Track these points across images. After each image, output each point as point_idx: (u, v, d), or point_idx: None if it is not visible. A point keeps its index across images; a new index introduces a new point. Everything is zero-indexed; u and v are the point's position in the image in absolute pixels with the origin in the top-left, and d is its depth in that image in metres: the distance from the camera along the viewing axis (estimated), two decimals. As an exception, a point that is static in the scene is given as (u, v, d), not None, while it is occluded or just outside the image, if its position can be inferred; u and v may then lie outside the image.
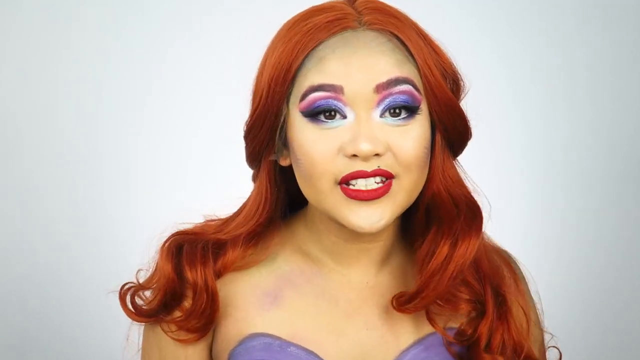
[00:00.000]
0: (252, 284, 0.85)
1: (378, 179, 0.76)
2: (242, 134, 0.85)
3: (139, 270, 0.88)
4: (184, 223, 0.89)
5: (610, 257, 1.62)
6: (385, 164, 0.76)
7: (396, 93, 0.76)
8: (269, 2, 1.45)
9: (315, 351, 0.81)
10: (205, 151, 1.56)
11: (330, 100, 0.76)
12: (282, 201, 0.86)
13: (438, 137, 0.81)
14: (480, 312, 0.85)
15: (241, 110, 0.85)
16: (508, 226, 1.49)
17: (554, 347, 0.93)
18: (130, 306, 0.86)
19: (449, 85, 0.80)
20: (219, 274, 0.85)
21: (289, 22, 0.81)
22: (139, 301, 0.86)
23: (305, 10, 0.81)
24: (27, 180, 1.59)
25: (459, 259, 0.80)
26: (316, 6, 0.81)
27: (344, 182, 0.76)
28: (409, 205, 0.80)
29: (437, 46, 0.81)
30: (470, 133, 0.84)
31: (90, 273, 1.56)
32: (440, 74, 0.79)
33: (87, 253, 1.57)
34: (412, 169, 0.77)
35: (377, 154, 0.75)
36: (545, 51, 1.61)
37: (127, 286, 0.87)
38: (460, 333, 0.84)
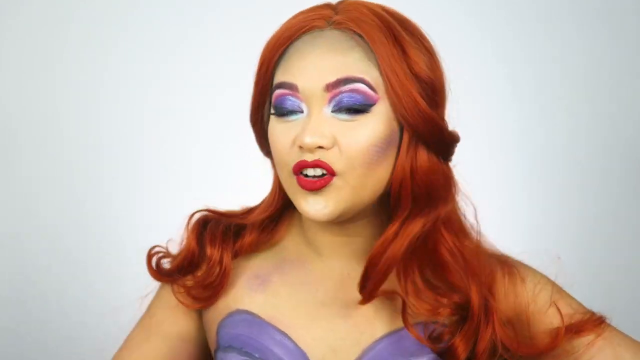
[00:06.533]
0: (249, 265, 0.92)
1: (319, 171, 0.80)
2: (245, 132, 0.91)
3: (169, 240, 0.95)
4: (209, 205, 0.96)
5: (610, 257, 1.62)
6: (327, 157, 0.79)
7: (346, 91, 0.79)
8: (271, 3, 1.45)
9: (290, 334, 0.86)
10: (210, 153, 1.56)
11: (289, 96, 0.81)
12: None
13: (405, 136, 0.82)
14: (462, 317, 0.85)
15: (246, 109, 0.89)
16: (508, 226, 1.50)
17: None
18: (154, 266, 0.95)
19: (417, 87, 0.81)
20: (236, 254, 0.92)
21: (285, 21, 0.86)
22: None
23: (298, 12, 0.86)
24: (28, 183, 1.59)
25: (400, 240, 0.82)
26: (307, 8, 0.86)
27: (295, 172, 0.81)
28: (363, 201, 0.82)
29: (412, 49, 0.81)
30: (450, 135, 0.85)
31: (92, 276, 1.56)
32: (405, 76, 0.80)
33: (89, 255, 1.58)
34: (355, 165, 0.79)
35: (321, 147, 0.79)
36: (545, 51, 1.62)
37: (155, 249, 0.96)
38: (436, 337, 0.85)
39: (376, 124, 0.80)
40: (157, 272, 0.94)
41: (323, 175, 0.80)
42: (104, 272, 1.55)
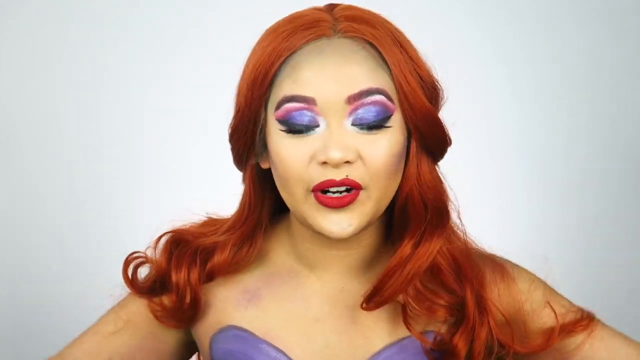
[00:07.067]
0: (237, 280, 0.89)
1: (342, 187, 0.77)
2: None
3: (147, 248, 0.92)
4: (177, 220, 0.92)
5: (610, 257, 1.62)
6: (353, 174, 0.76)
7: (368, 104, 0.76)
8: (271, 3, 1.45)
9: (285, 351, 0.84)
10: (207, 151, 1.56)
11: (305, 111, 0.76)
12: (268, 204, 0.88)
13: (413, 144, 0.81)
14: (459, 318, 0.85)
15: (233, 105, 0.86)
16: (508, 226, 1.50)
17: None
18: (130, 274, 0.91)
19: (426, 93, 0.80)
20: (210, 277, 0.88)
21: (270, 27, 0.82)
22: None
23: (287, 16, 0.82)
24: (28, 183, 1.59)
25: (418, 259, 0.81)
26: (297, 12, 0.82)
27: (317, 190, 0.77)
28: (379, 213, 0.81)
29: (415, 54, 0.81)
30: (449, 139, 0.84)
31: (92, 276, 1.55)
32: (415, 82, 0.79)
33: (88, 253, 1.57)
34: (380, 178, 0.78)
35: (347, 162, 0.76)
36: (545, 51, 1.62)
37: (134, 255, 0.92)
38: (439, 342, 0.84)
39: (394, 134, 0.78)
40: (132, 285, 0.91)
41: (348, 190, 0.77)
42: (104, 272, 1.55)
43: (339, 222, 0.77)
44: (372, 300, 0.82)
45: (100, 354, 0.89)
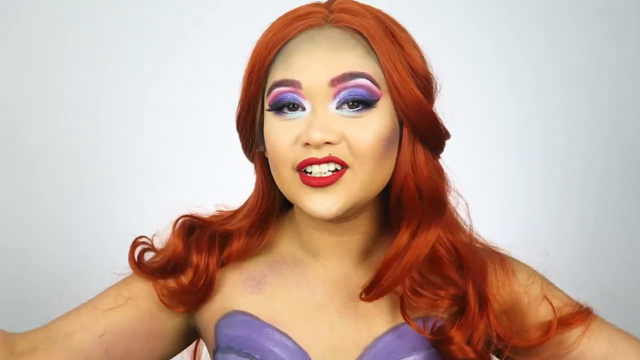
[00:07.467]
0: (243, 267, 0.91)
1: (332, 166, 0.79)
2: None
3: (154, 235, 0.94)
4: (197, 206, 0.94)
5: (610, 256, 1.62)
6: (337, 152, 0.79)
7: (351, 87, 0.79)
8: (271, 3, 1.45)
9: (290, 335, 0.86)
10: (210, 152, 1.56)
11: (289, 94, 0.80)
12: (279, 193, 0.89)
13: (405, 132, 0.83)
14: (461, 308, 0.86)
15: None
16: (508, 226, 1.50)
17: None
18: (136, 258, 0.92)
19: (417, 84, 0.82)
20: (223, 263, 0.90)
21: (272, 22, 0.86)
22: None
23: (287, 11, 0.86)
24: (28, 183, 1.59)
25: (416, 249, 0.82)
26: (296, 8, 0.85)
27: (301, 169, 0.80)
28: (368, 197, 0.82)
29: (408, 46, 0.83)
30: (446, 132, 0.86)
31: (92, 276, 1.55)
32: (406, 72, 0.81)
33: (90, 247, 1.57)
34: (366, 160, 0.79)
35: (328, 142, 0.78)
36: (545, 51, 1.62)
37: (141, 240, 0.93)
38: (437, 331, 0.86)
39: (382, 119, 0.80)
40: (138, 266, 0.91)
41: (335, 171, 0.79)
42: (104, 272, 1.55)
43: (323, 202, 0.80)
44: (372, 292, 0.83)
45: (95, 327, 0.88)
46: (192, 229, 0.92)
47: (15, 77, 1.58)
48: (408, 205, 0.83)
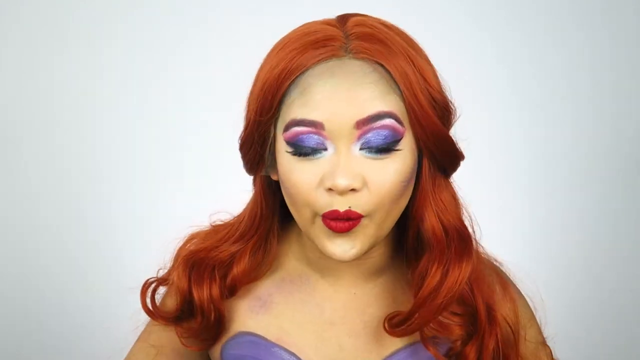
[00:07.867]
0: (248, 288, 0.90)
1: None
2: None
3: (159, 270, 0.92)
4: (193, 226, 0.93)
5: (610, 258, 1.62)
6: (357, 202, 0.76)
7: (377, 128, 0.75)
8: (271, 11, 1.46)
9: (298, 354, 0.85)
10: (210, 154, 1.56)
11: (310, 135, 0.75)
12: (279, 211, 0.88)
13: (425, 162, 0.80)
14: (471, 330, 0.85)
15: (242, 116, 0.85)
16: (508, 226, 1.50)
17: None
18: (149, 304, 0.90)
19: (437, 114, 0.78)
20: (232, 290, 0.88)
21: (280, 42, 0.80)
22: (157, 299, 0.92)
23: (296, 31, 0.79)
24: (27, 183, 1.59)
25: (450, 287, 0.80)
26: (307, 27, 0.79)
27: (324, 217, 0.77)
28: (384, 234, 0.80)
29: (428, 74, 0.78)
30: (462, 154, 0.83)
31: (91, 278, 1.56)
32: (427, 103, 0.77)
33: (88, 258, 1.58)
34: (385, 205, 0.77)
35: (352, 189, 0.75)
36: (545, 51, 1.61)
37: (150, 281, 0.91)
38: (451, 352, 0.85)
39: (404, 159, 0.77)
40: (154, 314, 0.90)
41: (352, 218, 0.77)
42: (103, 273, 1.55)
43: (342, 246, 0.78)
44: (399, 328, 0.81)
45: None
46: (194, 264, 0.89)
47: (15, 78, 1.58)
48: (435, 242, 0.81)
